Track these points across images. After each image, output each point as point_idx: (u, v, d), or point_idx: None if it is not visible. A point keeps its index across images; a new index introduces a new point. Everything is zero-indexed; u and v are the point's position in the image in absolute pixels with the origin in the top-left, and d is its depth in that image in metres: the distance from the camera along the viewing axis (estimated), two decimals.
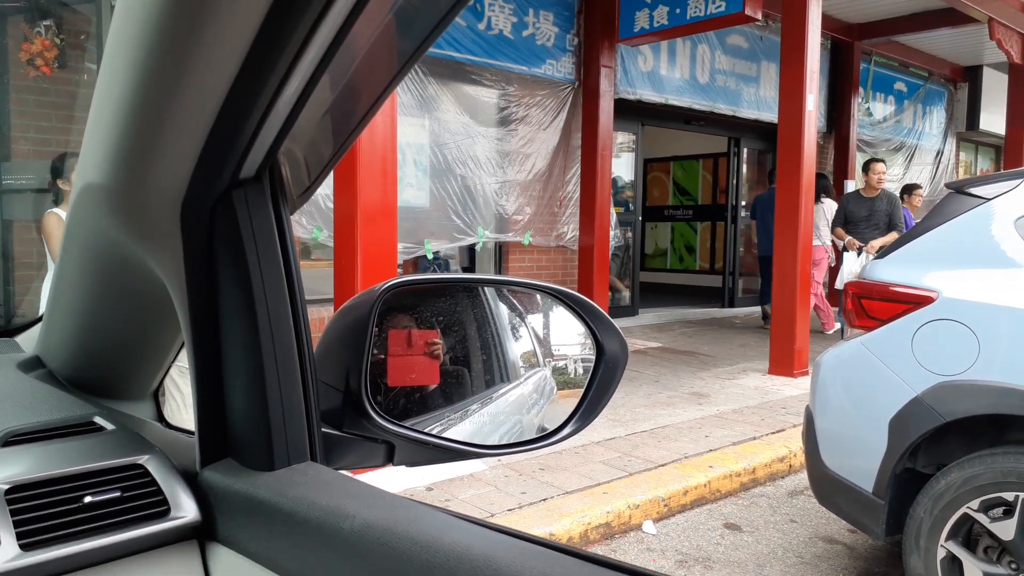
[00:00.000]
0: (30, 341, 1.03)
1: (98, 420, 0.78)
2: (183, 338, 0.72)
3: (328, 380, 0.73)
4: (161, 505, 0.65)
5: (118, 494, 0.65)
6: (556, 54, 7.24)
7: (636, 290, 9.05)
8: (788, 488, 3.94)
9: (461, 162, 6.61)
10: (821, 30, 6.23)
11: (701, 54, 8.43)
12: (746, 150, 10.29)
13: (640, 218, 9.30)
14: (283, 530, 0.60)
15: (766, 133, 9.41)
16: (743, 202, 10.33)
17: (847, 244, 7.14)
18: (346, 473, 0.69)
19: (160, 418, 0.94)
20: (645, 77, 7.93)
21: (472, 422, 0.85)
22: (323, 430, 0.71)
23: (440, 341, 0.84)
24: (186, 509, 0.66)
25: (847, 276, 6.73)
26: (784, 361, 6.04)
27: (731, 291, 10.41)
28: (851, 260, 6.97)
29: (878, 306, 2.66)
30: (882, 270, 2.75)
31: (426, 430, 0.78)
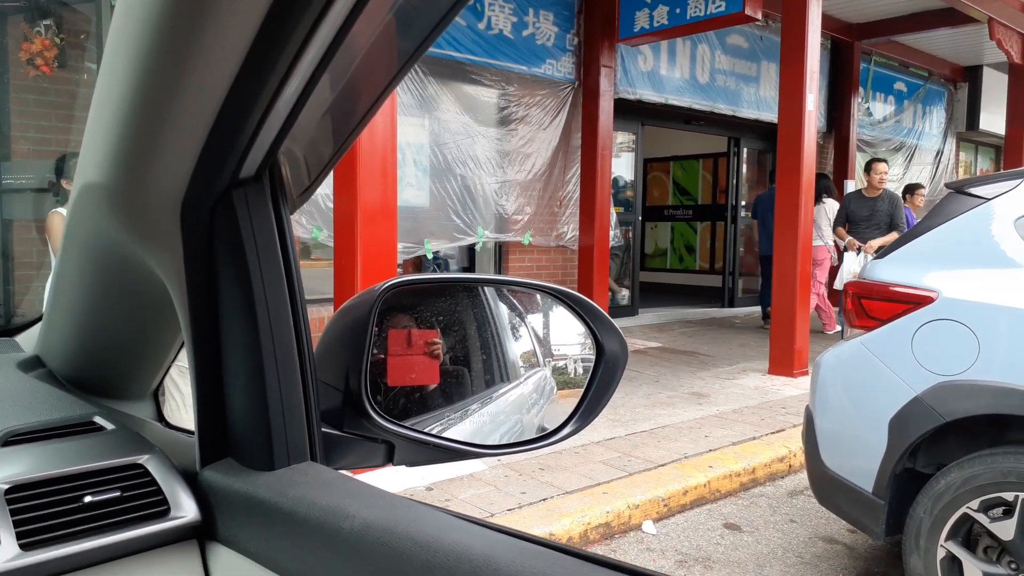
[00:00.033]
0: (30, 341, 1.03)
1: (98, 420, 0.78)
2: (183, 338, 0.72)
3: (328, 380, 0.73)
4: (161, 505, 0.65)
5: (118, 494, 0.65)
6: (556, 54, 7.24)
7: (636, 290, 9.05)
8: (788, 488, 3.94)
9: (461, 162, 6.61)
10: (821, 30, 6.23)
11: (701, 54, 8.43)
12: (746, 150, 10.29)
13: (640, 218, 9.30)
14: (283, 530, 0.60)
15: (766, 133, 9.41)
16: (743, 202, 10.33)
17: (847, 244, 7.14)
18: (346, 473, 0.68)
19: (160, 418, 0.94)
20: (645, 77, 7.93)
21: (472, 422, 0.85)
22: (323, 430, 0.71)
23: (440, 341, 0.84)
24: (186, 509, 0.66)
25: (847, 276, 6.74)
26: (784, 361, 6.04)
27: (731, 291, 10.42)
28: (851, 260, 6.98)
29: (878, 306, 2.66)
30: (882, 270, 2.75)
31: (426, 430, 0.78)
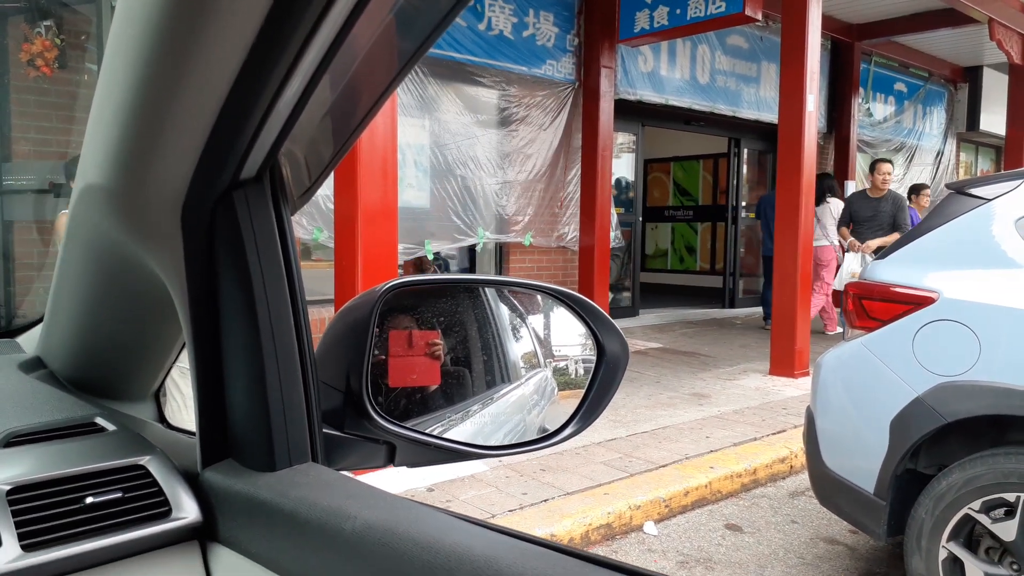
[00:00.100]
0: (31, 342, 1.03)
1: (99, 421, 0.78)
2: (184, 338, 0.72)
3: (329, 381, 0.73)
4: (162, 506, 0.65)
5: (119, 495, 0.65)
6: (556, 54, 7.24)
7: (637, 291, 9.05)
8: (789, 489, 3.94)
9: (461, 163, 6.61)
10: (821, 30, 6.23)
11: (701, 54, 8.43)
12: (746, 150, 10.29)
13: (640, 219, 9.30)
14: (284, 531, 0.60)
15: (766, 133, 9.41)
16: (743, 202, 10.33)
17: (849, 245, 7.14)
18: (347, 474, 0.68)
19: (161, 419, 0.94)
20: (645, 77, 7.93)
21: (473, 423, 0.85)
22: (324, 431, 0.71)
23: (441, 342, 0.84)
24: (187, 510, 0.66)
25: (846, 276, 6.74)
26: (785, 362, 6.04)
27: (732, 292, 10.41)
28: (851, 260, 6.98)
29: (879, 307, 2.66)
30: (883, 271, 2.75)
31: (427, 431, 0.78)
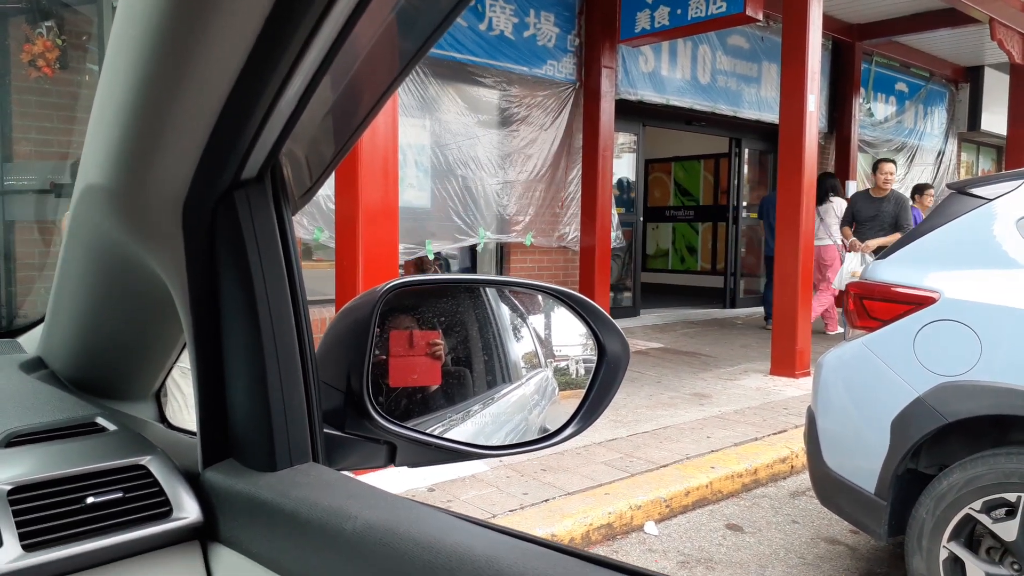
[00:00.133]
0: (32, 342, 1.03)
1: (100, 421, 0.78)
2: (185, 338, 0.72)
3: (330, 381, 0.73)
4: (163, 506, 0.65)
5: (120, 495, 0.65)
6: (557, 55, 7.24)
7: (637, 291, 9.05)
8: (790, 489, 3.94)
9: (462, 163, 6.61)
10: (822, 30, 6.22)
11: (702, 55, 8.43)
12: (747, 150, 10.28)
13: (641, 219, 9.30)
14: (285, 531, 0.60)
15: (767, 133, 9.40)
16: (744, 203, 10.33)
17: (850, 245, 7.14)
18: (348, 474, 0.68)
19: (162, 419, 0.94)
20: (646, 78, 7.93)
21: (474, 423, 0.85)
22: (325, 431, 0.71)
23: (442, 342, 0.84)
24: (188, 510, 0.66)
25: (846, 276, 6.74)
26: (786, 362, 6.04)
27: (732, 292, 10.41)
28: (851, 260, 6.98)
29: (880, 307, 2.66)
30: (884, 271, 2.75)
31: (428, 431, 0.78)
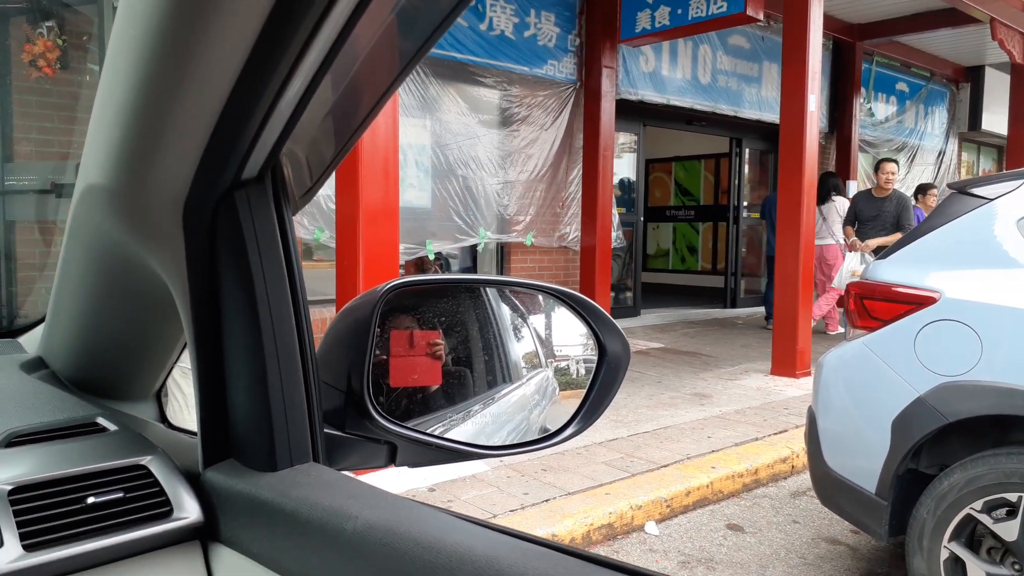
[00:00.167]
0: (33, 342, 1.03)
1: (101, 421, 0.78)
2: (185, 338, 0.72)
3: (330, 381, 0.73)
4: (164, 506, 0.65)
5: (121, 495, 0.65)
6: (558, 55, 7.24)
7: (638, 291, 9.05)
8: (791, 489, 3.94)
9: (463, 163, 6.61)
10: (823, 30, 6.22)
11: (703, 54, 8.43)
12: (748, 150, 10.28)
13: (642, 219, 9.30)
14: (285, 531, 0.60)
15: (768, 133, 9.40)
16: (745, 202, 10.33)
17: (850, 245, 7.14)
18: (348, 474, 0.68)
19: (163, 419, 0.94)
20: (647, 78, 7.92)
21: (474, 423, 0.85)
22: (325, 431, 0.71)
23: (442, 342, 0.84)
24: (189, 510, 0.66)
25: (846, 276, 6.74)
26: (786, 362, 6.03)
27: (733, 292, 10.41)
28: (851, 259, 6.98)
29: (881, 306, 2.66)
30: (884, 270, 2.75)
31: (428, 431, 0.78)
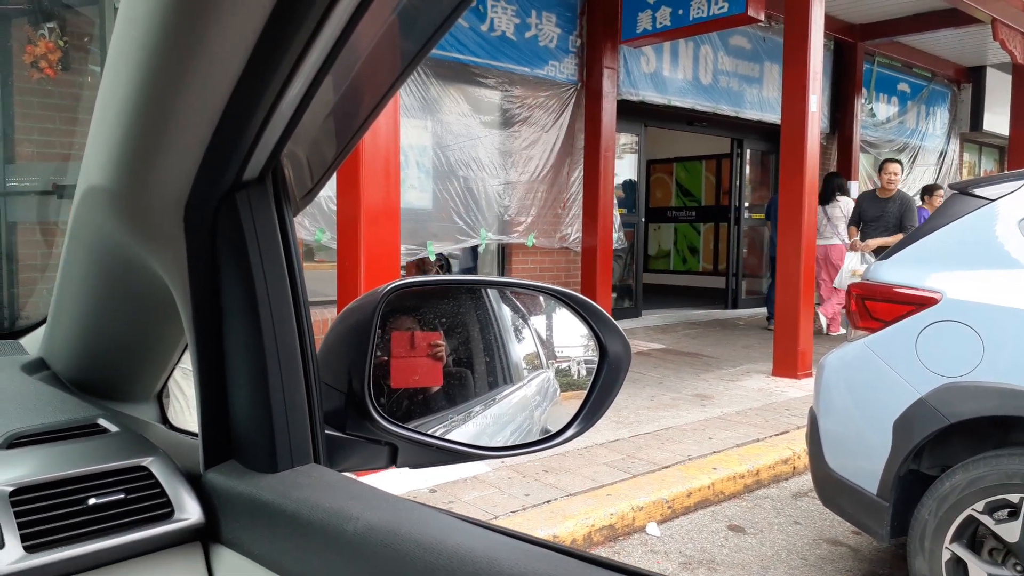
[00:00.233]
0: (34, 343, 1.03)
1: (102, 422, 0.78)
2: (186, 340, 0.72)
3: (331, 382, 0.73)
4: (165, 507, 0.65)
5: (122, 496, 0.65)
6: (559, 55, 7.24)
7: (639, 292, 9.05)
8: (792, 490, 3.93)
9: (464, 164, 6.61)
10: (824, 31, 6.22)
11: (704, 55, 8.43)
12: (749, 151, 10.28)
13: (643, 219, 9.29)
14: (286, 532, 0.60)
15: (769, 134, 9.40)
16: (746, 203, 10.33)
17: (850, 245, 7.15)
18: (349, 475, 0.68)
19: (164, 420, 0.94)
20: (648, 78, 7.93)
21: (475, 424, 0.85)
22: (326, 432, 0.71)
23: (443, 343, 0.84)
24: (190, 511, 0.66)
25: (847, 275, 6.74)
26: (788, 363, 6.03)
27: (734, 292, 10.41)
28: (851, 259, 6.98)
29: (882, 307, 2.66)
30: (886, 271, 2.75)
31: (429, 432, 0.78)
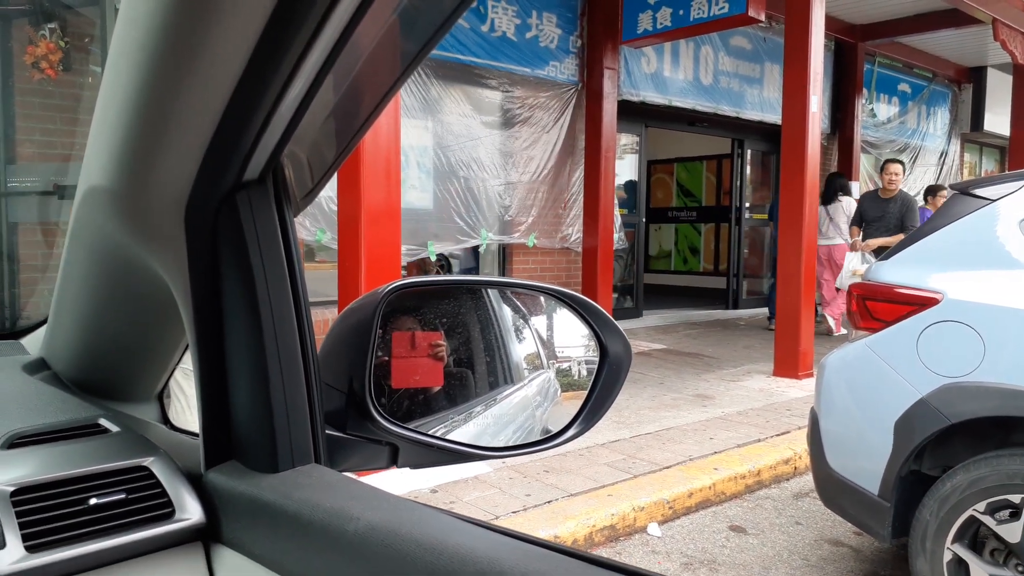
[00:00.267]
0: (35, 343, 1.03)
1: (103, 422, 0.78)
2: (187, 340, 0.72)
3: (332, 382, 0.73)
4: (166, 507, 0.65)
5: (123, 496, 0.65)
6: (559, 56, 7.24)
7: (640, 292, 9.05)
8: (793, 490, 3.93)
9: (465, 164, 6.62)
10: (824, 31, 6.22)
11: (704, 55, 8.43)
12: (750, 151, 10.28)
13: (644, 220, 9.29)
14: (287, 532, 0.60)
15: (770, 134, 9.39)
16: (747, 204, 10.33)
17: (851, 245, 7.15)
18: (350, 475, 0.68)
19: (165, 420, 0.94)
20: (648, 79, 7.92)
21: (476, 424, 0.85)
22: (327, 432, 0.71)
23: (444, 343, 0.84)
24: (191, 511, 0.66)
25: (847, 276, 6.74)
26: (789, 363, 6.03)
27: (735, 293, 10.41)
28: (851, 259, 6.98)
29: (883, 308, 2.65)
30: (887, 271, 2.75)
31: (430, 432, 0.78)
